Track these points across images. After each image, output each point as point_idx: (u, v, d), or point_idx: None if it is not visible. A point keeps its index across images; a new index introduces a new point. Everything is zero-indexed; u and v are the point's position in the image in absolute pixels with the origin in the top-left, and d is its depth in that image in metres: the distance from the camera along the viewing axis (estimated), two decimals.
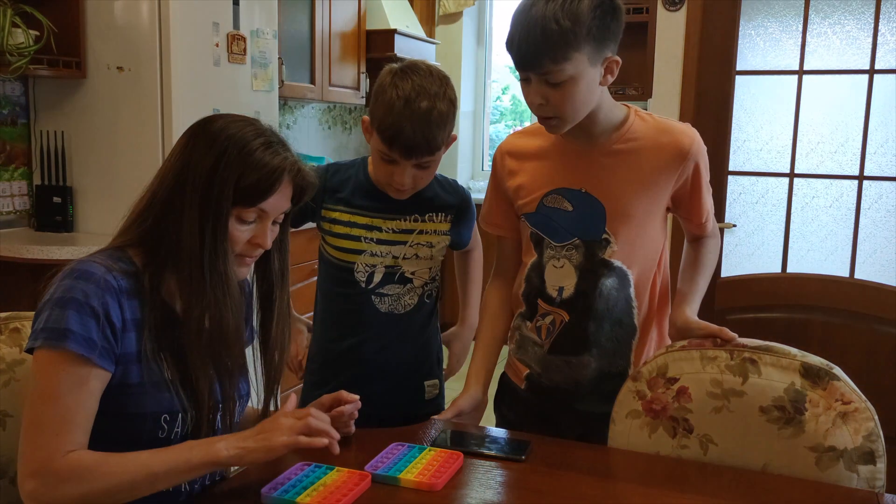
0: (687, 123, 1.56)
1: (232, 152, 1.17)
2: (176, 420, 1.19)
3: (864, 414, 1.35)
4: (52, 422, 1.09)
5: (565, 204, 1.54)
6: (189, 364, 1.20)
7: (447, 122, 1.51)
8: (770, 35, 3.12)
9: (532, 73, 1.39)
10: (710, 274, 1.64)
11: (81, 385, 1.10)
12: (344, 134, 5.07)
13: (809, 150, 3.10)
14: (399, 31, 4.53)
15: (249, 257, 1.26)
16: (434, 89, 1.49)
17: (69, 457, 1.08)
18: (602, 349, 1.57)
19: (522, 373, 1.65)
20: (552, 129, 1.48)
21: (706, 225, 1.61)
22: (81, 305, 1.11)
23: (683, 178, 1.53)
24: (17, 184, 2.96)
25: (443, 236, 1.67)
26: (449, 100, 1.51)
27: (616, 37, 1.41)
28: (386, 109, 1.48)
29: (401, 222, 1.62)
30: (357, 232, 1.63)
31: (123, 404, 1.16)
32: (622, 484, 1.36)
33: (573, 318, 1.56)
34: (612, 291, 1.54)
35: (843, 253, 3.08)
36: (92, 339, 1.10)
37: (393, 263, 1.63)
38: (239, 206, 1.19)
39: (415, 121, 1.46)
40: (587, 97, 1.42)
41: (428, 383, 1.72)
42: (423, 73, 1.51)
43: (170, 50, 2.77)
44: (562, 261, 1.55)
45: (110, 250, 1.22)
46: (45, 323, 1.11)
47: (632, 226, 1.52)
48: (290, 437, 1.14)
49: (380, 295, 1.64)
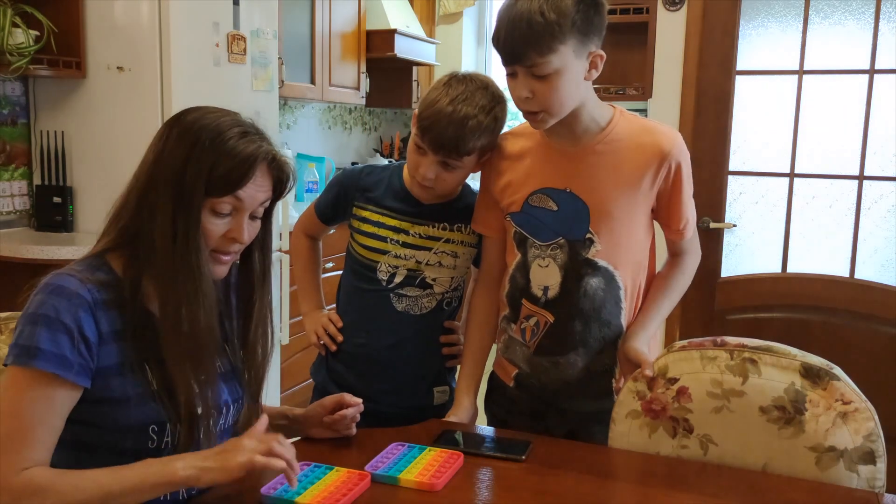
0: (671, 126, 1.57)
1: (205, 141, 1.15)
2: (165, 430, 1.17)
3: (864, 414, 1.35)
4: (10, 439, 1.07)
5: (550, 203, 1.55)
6: (168, 368, 1.16)
7: (483, 134, 1.53)
8: (770, 35, 3.12)
9: (518, 67, 1.41)
10: (677, 297, 1.64)
11: (46, 403, 1.08)
12: (344, 134, 5.07)
13: (809, 150, 3.10)
14: (399, 31, 4.53)
15: (226, 254, 1.21)
16: (482, 102, 1.52)
17: (23, 475, 1.06)
18: (589, 348, 1.57)
19: (511, 372, 1.66)
20: (538, 123, 1.49)
21: (684, 231, 1.59)
22: (52, 322, 1.09)
23: (663, 180, 1.52)
24: (17, 184, 2.96)
25: (469, 248, 1.69)
26: (494, 116, 1.54)
27: (600, 32, 1.43)
28: (431, 102, 1.53)
29: (428, 228, 1.65)
30: (384, 233, 1.66)
31: (108, 417, 1.14)
32: (622, 484, 1.36)
33: (558, 318, 1.56)
34: (597, 291, 1.54)
35: (843, 253, 3.08)
36: (64, 355, 1.08)
37: (415, 267, 1.65)
38: (212, 197, 1.15)
39: (452, 120, 1.50)
40: (573, 91, 1.44)
41: (438, 389, 1.73)
42: (478, 85, 1.55)
43: (170, 50, 2.77)
44: (546, 260, 1.56)
45: (89, 259, 1.19)
46: (17, 339, 1.09)
47: (615, 226, 1.52)
48: (249, 456, 1.09)
49: (399, 294, 1.66)
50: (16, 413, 1.08)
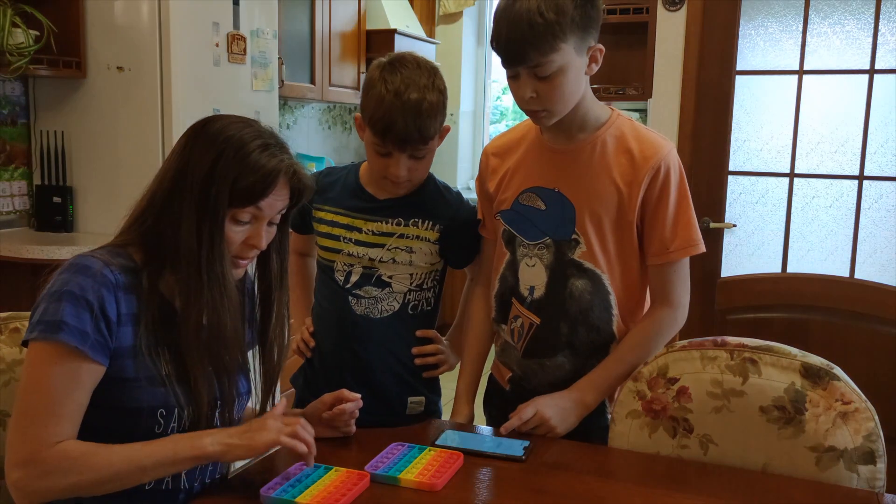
0: (666, 137, 1.53)
1: (229, 154, 1.18)
2: (172, 415, 1.20)
3: (865, 414, 1.35)
4: (40, 412, 1.10)
5: (539, 203, 1.54)
6: (186, 362, 1.20)
7: (438, 112, 1.51)
8: (770, 35, 3.12)
9: (521, 68, 1.40)
10: (632, 358, 1.52)
11: (72, 377, 1.11)
12: (344, 134, 5.07)
13: (809, 150, 3.10)
14: (399, 31, 4.53)
15: (243, 259, 1.26)
16: (423, 81, 1.49)
17: (56, 448, 1.09)
18: (576, 351, 1.56)
19: (506, 375, 1.66)
20: (540, 121, 1.49)
21: (660, 256, 1.49)
22: (77, 298, 1.12)
23: (649, 191, 1.47)
24: (17, 184, 2.96)
25: (427, 244, 1.62)
26: (438, 90, 1.52)
27: (597, 24, 1.43)
28: (377, 103, 1.49)
29: (381, 224, 1.61)
30: (337, 231, 1.63)
31: (119, 398, 1.16)
32: (622, 484, 1.36)
33: (544, 319, 1.56)
34: (584, 294, 1.53)
35: (843, 253, 3.08)
36: (86, 331, 1.11)
37: (370, 265, 1.61)
38: (234, 207, 1.19)
39: (406, 112, 1.47)
40: (575, 87, 1.44)
41: (412, 400, 1.67)
42: (411, 66, 1.51)
43: (170, 50, 2.77)
44: (534, 259, 1.55)
45: (110, 247, 1.22)
46: (42, 316, 1.12)
47: (601, 228, 1.50)
48: (275, 436, 1.17)
49: (356, 296, 1.62)
50: (44, 386, 1.11)
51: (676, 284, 1.53)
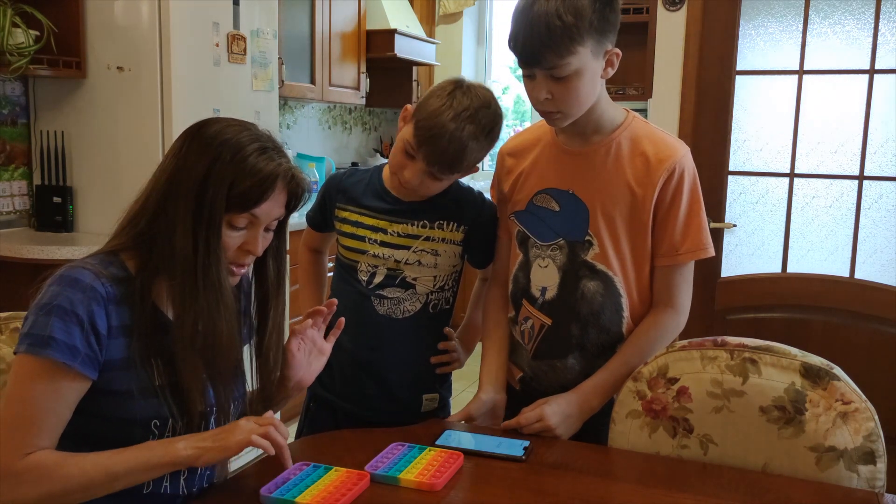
0: (681, 141, 1.54)
1: (225, 157, 1.16)
2: (166, 426, 1.18)
3: (865, 414, 1.35)
4: (19, 425, 1.09)
5: (553, 204, 1.55)
6: (180, 370, 1.18)
7: (481, 153, 1.53)
8: (770, 35, 3.12)
9: (538, 69, 1.40)
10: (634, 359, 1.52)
11: (56, 393, 1.10)
12: (344, 134, 5.07)
13: (809, 150, 3.10)
14: (399, 31, 4.53)
15: (240, 266, 1.24)
16: (485, 121, 1.50)
17: (28, 458, 1.08)
18: (586, 353, 1.56)
19: (517, 375, 1.66)
20: (554, 122, 1.49)
21: (669, 257, 1.50)
22: (67, 313, 1.10)
23: (662, 192, 1.48)
24: (17, 184, 2.96)
25: (452, 246, 1.63)
26: (493, 137, 1.54)
27: (615, 28, 1.43)
28: (434, 111, 1.49)
29: (407, 227, 1.61)
30: (362, 232, 1.63)
31: (112, 409, 1.15)
32: (622, 484, 1.36)
33: (556, 320, 1.56)
34: (595, 296, 1.53)
35: (843, 253, 3.08)
36: (75, 346, 1.09)
37: (395, 267, 1.62)
38: (231, 213, 1.17)
39: (454, 138, 1.47)
40: (590, 90, 1.44)
41: (427, 397, 1.69)
42: (482, 101, 1.51)
43: (170, 50, 2.77)
44: (546, 260, 1.55)
45: (103, 255, 1.20)
46: (31, 328, 1.11)
47: (615, 231, 1.50)
48: (246, 436, 1.14)
49: (379, 297, 1.63)
50: (25, 400, 1.10)
51: (682, 287, 1.54)
